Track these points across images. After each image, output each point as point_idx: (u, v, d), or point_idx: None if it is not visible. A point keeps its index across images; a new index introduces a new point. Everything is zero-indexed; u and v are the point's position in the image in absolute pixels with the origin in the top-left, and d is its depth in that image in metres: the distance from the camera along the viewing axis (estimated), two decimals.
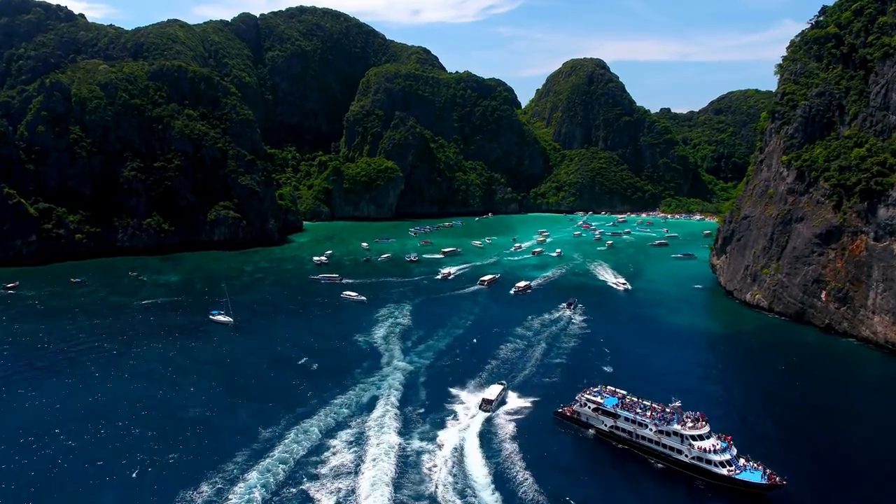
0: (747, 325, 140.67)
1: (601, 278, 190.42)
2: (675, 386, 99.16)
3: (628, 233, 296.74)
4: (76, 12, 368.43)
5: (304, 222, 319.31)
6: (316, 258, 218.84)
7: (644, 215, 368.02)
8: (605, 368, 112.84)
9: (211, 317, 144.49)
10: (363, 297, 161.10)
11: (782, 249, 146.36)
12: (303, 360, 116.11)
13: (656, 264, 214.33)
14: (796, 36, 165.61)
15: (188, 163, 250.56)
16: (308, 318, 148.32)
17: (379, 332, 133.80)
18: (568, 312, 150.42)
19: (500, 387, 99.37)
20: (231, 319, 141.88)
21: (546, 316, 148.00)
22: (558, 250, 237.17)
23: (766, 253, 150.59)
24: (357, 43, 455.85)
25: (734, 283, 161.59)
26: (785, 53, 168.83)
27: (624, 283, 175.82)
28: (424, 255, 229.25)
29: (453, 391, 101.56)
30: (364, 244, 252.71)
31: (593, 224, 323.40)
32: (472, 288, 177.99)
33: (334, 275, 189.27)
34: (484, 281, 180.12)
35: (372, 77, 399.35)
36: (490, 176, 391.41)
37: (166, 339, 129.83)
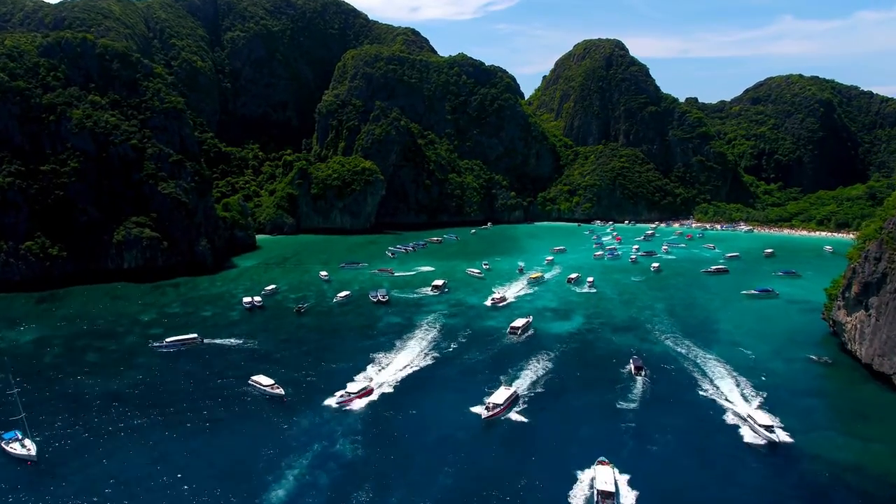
0: None
1: (664, 340, 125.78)
2: None
3: (666, 250, 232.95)
4: None
5: (263, 236, 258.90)
6: (246, 299, 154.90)
7: (677, 225, 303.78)
8: None
9: (2, 445, 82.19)
10: (280, 390, 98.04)
11: None
12: None
13: (728, 309, 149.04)
14: None
15: (90, 165, 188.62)
16: (173, 441, 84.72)
17: (283, 488, 71.29)
18: (638, 379, 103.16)
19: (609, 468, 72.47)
20: (32, 452, 79.91)
21: (585, 429, 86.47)
22: (590, 279, 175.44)
23: None
24: (334, 23, 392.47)
25: (892, 363, 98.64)
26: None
27: (770, 429, 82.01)
28: (396, 293, 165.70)
29: None
30: (323, 273, 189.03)
31: (615, 242, 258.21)
32: (469, 358, 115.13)
33: (191, 335, 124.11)
34: (515, 329, 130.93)
35: (349, 61, 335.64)
36: (490, 178, 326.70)
37: None
